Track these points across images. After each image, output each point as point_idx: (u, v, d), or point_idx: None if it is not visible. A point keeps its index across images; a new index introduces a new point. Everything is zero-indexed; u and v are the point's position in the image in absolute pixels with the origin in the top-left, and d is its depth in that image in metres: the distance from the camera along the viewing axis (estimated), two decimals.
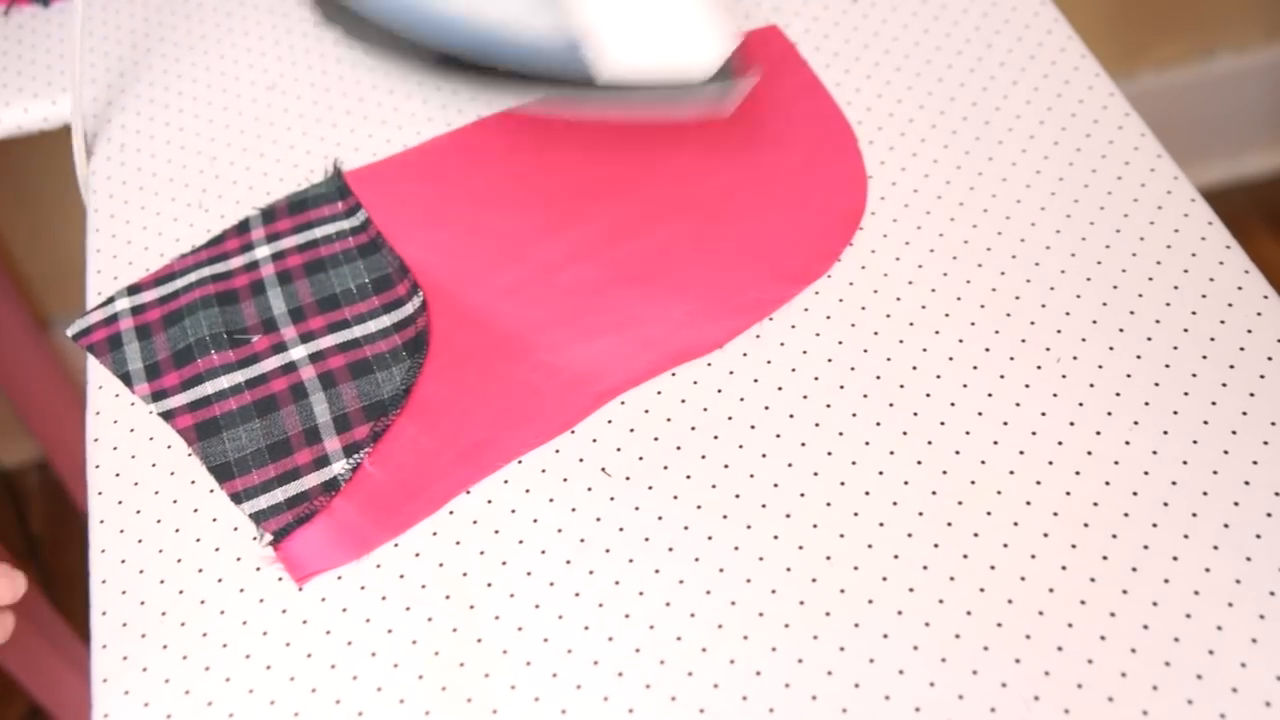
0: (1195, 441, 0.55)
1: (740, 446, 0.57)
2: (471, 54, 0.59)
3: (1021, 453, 0.55)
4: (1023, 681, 0.49)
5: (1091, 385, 0.57)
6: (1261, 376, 0.57)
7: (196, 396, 0.62)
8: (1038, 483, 0.54)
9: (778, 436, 0.57)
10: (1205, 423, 0.55)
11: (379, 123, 0.73)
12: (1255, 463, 0.54)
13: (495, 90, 0.58)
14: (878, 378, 0.59)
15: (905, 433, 0.57)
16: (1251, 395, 0.56)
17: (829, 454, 0.56)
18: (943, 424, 0.57)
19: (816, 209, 0.65)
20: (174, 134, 0.74)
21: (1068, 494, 0.54)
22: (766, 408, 0.58)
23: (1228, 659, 0.49)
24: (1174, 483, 0.54)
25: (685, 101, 0.58)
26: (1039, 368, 0.58)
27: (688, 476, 0.57)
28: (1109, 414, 0.56)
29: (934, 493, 0.55)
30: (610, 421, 0.59)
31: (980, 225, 0.64)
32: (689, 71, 0.56)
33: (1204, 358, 0.57)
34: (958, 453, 0.56)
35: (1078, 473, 0.55)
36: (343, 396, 0.61)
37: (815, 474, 0.56)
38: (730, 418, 0.58)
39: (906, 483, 0.55)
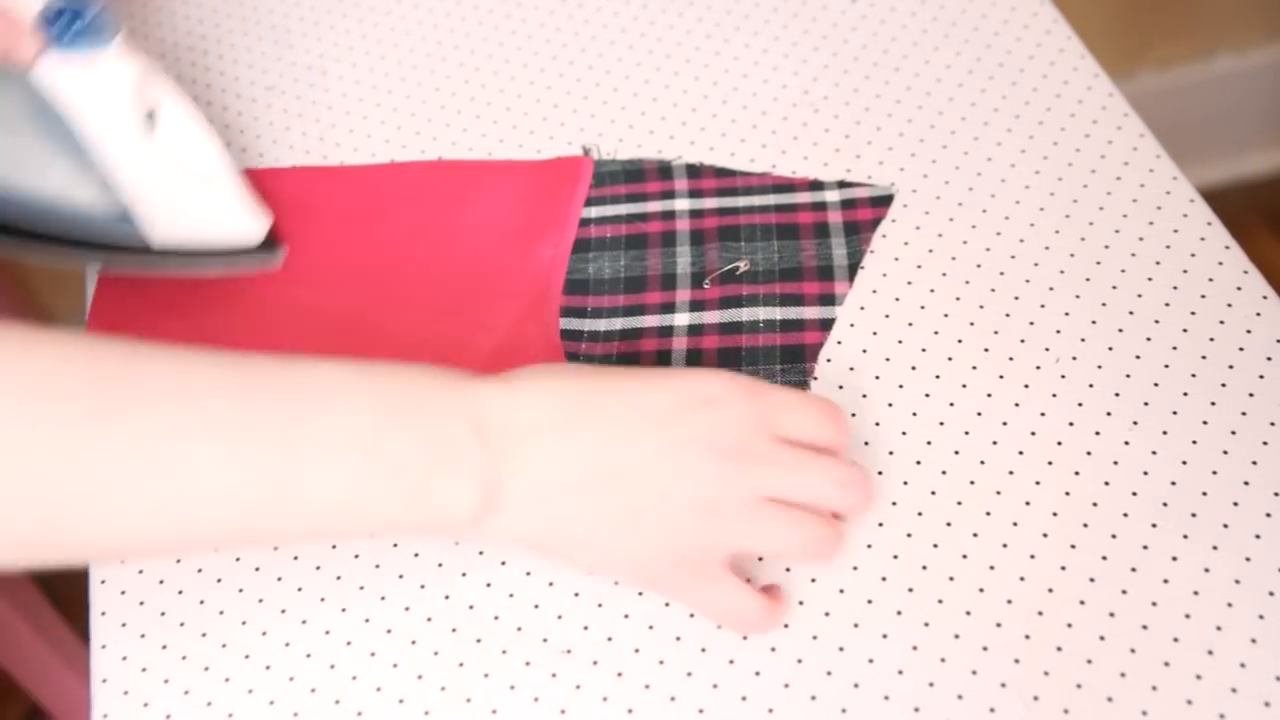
0: (1194, 441, 0.55)
1: None
2: (18, 221, 0.62)
3: (1021, 453, 0.55)
4: (1022, 681, 0.49)
5: (1091, 385, 0.57)
6: (1261, 377, 0.57)
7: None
8: (1037, 483, 0.54)
9: None
10: (1204, 423, 0.55)
11: (378, 123, 0.73)
12: (1255, 463, 0.54)
13: (48, 256, 0.62)
14: (876, 378, 0.59)
15: (904, 433, 0.57)
16: (1251, 395, 0.56)
17: None
18: (942, 424, 0.57)
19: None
20: None
21: (1067, 494, 0.54)
22: None
23: (1227, 659, 0.49)
24: (1173, 483, 0.54)
25: (236, 266, 0.65)
26: (1038, 368, 0.58)
27: None
28: (1108, 414, 0.56)
29: (933, 493, 0.55)
30: None
31: (979, 225, 0.64)
32: (233, 240, 0.64)
33: (1203, 358, 0.57)
34: (957, 453, 0.56)
35: (1077, 473, 0.55)
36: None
37: None
38: None
39: (905, 483, 0.55)
